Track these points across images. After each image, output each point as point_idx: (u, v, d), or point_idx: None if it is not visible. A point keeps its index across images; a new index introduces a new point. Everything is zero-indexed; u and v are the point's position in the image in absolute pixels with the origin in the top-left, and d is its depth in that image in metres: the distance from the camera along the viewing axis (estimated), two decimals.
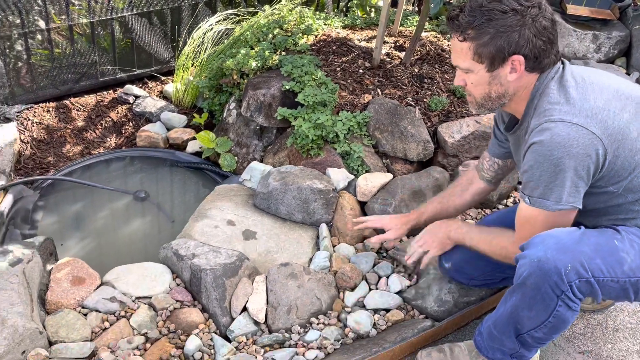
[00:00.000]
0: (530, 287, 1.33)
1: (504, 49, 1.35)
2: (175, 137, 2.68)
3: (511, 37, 1.34)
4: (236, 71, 2.59)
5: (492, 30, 1.34)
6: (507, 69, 1.39)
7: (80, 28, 2.75)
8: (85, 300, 1.75)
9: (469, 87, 1.47)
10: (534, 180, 1.36)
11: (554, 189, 1.34)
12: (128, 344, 1.64)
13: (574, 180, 1.32)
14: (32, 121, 2.64)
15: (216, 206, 2.18)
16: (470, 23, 1.36)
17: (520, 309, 1.38)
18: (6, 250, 1.74)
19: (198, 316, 1.75)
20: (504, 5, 1.34)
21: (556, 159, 1.30)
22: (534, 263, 1.31)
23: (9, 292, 1.60)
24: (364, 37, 2.89)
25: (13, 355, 1.49)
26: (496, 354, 1.51)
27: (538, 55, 1.37)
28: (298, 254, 2.04)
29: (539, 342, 1.44)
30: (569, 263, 1.29)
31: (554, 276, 1.29)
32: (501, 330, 1.46)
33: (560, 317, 1.35)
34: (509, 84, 1.41)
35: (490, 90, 1.43)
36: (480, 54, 1.38)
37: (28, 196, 2.26)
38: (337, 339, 1.73)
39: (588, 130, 1.30)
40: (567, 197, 1.34)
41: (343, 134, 2.28)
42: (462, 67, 1.44)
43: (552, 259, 1.29)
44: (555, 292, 1.31)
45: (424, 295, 1.85)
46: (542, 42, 1.35)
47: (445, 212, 1.82)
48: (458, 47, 1.41)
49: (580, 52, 3.58)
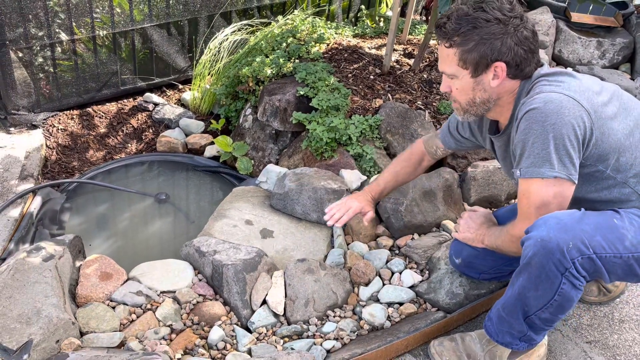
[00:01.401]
0: (535, 266, 1.39)
1: (487, 56, 1.44)
2: (194, 142, 2.79)
3: (494, 45, 1.43)
4: (252, 78, 2.70)
5: (477, 37, 1.43)
6: (490, 75, 1.47)
7: (101, 39, 2.88)
8: (113, 294, 1.84)
9: (454, 93, 1.54)
10: (527, 149, 1.40)
11: (547, 157, 1.37)
12: (155, 334, 1.72)
13: (567, 149, 1.37)
14: (57, 128, 2.75)
15: (234, 207, 2.27)
16: (456, 30, 1.44)
17: (527, 289, 1.44)
18: (39, 247, 1.84)
19: (220, 309, 1.84)
20: (489, 14, 1.43)
21: (549, 125, 1.36)
22: (537, 243, 1.37)
23: (43, 285, 1.69)
24: (373, 45, 3.00)
25: (48, 343, 1.58)
26: (505, 337, 1.57)
27: (519, 63, 1.45)
28: (314, 252, 2.13)
29: (546, 324, 1.50)
30: (570, 241, 1.35)
31: (557, 254, 1.35)
32: (509, 313, 1.52)
33: (565, 295, 1.40)
34: (492, 89, 1.49)
35: (474, 96, 1.51)
36: (465, 59, 1.46)
37: (55, 198, 2.37)
38: (353, 330, 1.81)
39: (578, 102, 1.37)
40: (560, 165, 1.37)
41: (356, 136, 2.37)
42: (448, 73, 1.51)
43: (554, 238, 1.35)
44: (559, 269, 1.37)
45: (435, 289, 1.92)
46: (523, 50, 1.44)
47: (398, 186, 2.05)
48: (445, 53, 1.49)
49: (585, 58, 3.67)
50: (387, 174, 2.00)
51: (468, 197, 2.39)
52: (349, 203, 1.97)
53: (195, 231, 2.29)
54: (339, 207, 1.97)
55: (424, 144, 1.96)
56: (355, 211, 1.95)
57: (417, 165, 1.97)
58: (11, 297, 1.63)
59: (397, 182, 2.00)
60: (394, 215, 2.19)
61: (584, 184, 1.48)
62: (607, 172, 1.45)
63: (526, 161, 1.41)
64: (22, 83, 2.68)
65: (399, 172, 1.98)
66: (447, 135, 1.87)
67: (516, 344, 1.57)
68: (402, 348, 1.72)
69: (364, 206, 1.97)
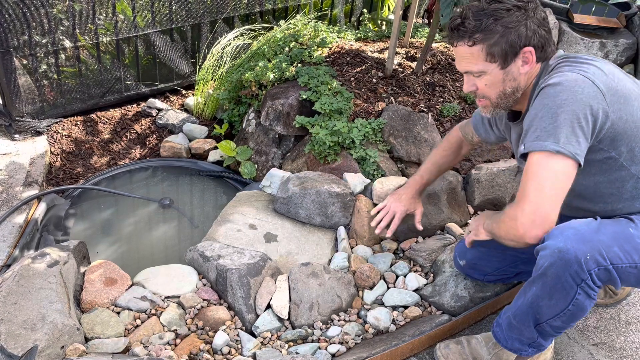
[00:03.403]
0: (551, 276, 1.36)
1: (516, 43, 1.42)
2: (197, 147, 2.79)
3: (520, 31, 1.41)
4: (255, 83, 2.71)
5: (501, 28, 1.41)
6: (518, 62, 1.45)
7: (105, 46, 2.89)
8: (117, 300, 1.84)
9: (482, 89, 1.50)
10: (534, 123, 1.36)
11: (553, 131, 1.32)
12: (159, 339, 1.72)
13: (574, 127, 1.32)
14: (62, 134, 2.76)
15: (238, 211, 2.27)
16: (478, 27, 1.42)
17: (541, 298, 1.42)
18: (44, 253, 1.84)
19: (224, 313, 1.83)
20: (506, 4, 1.42)
21: (561, 100, 1.32)
22: (554, 254, 1.34)
23: (47, 291, 1.70)
24: (376, 48, 3.00)
25: (53, 349, 1.58)
26: (515, 343, 1.55)
27: (544, 44, 1.45)
28: (318, 255, 2.12)
29: (556, 331, 1.48)
30: (589, 252, 1.32)
31: (575, 265, 1.33)
32: (521, 321, 1.50)
33: (580, 305, 1.38)
34: (521, 76, 1.47)
35: (505, 87, 1.48)
36: (492, 53, 1.43)
37: (60, 204, 2.38)
38: (357, 334, 1.80)
39: (593, 83, 1.34)
40: (566, 141, 1.31)
41: (359, 140, 2.37)
42: (475, 71, 1.48)
43: (572, 249, 1.32)
44: (575, 280, 1.34)
45: (440, 292, 1.91)
46: (544, 31, 1.44)
47: (442, 173, 2.03)
48: (467, 53, 1.46)
49: None
50: (429, 164, 1.98)
51: (472, 199, 2.38)
52: (393, 208, 1.95)
53: (199, 236, 2.30)
54: (383, 214, 1.94)
55: (460, 130, 1.95)
56: (402, 216, 1.94)
57: (457, 151, 1.96)
58: (16, 303, 1.63)
59: (440, 170, 1.99)
60: None
61: (596, 173, 1.45)
62: (621, 160, 1.41)
63: (531, 135, 1.36)
64: (27, 90, 2.70)
65: (440, 160, 1.97)
66: (479, 124, 1.86)
67: (525, 350, 1.56)
68: (408, 351, 1.71)
69: (410, 207, 1.95)
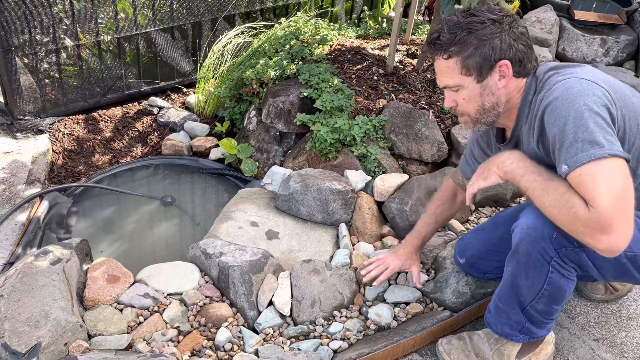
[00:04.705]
0: (522, 253, 1.40)
1: (490, 56, 1.40)
2: (199, 145, 2.80)
3: (494, 44, 1.39)
4: (256, 80, 2.71)
5: (475, 41, 1.39)
6: (495, 76, 1.42)
7: (106, 44, 2.90)
8: (120, 297, 1.85)
9: (461, 105, 1.48)
10: (565, 139, 1.26)
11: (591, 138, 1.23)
12: (162, 336, 1.73)
13: (602, 126, 1.25)
14: (63, 132, 2.77)
15: (240, 208, 2.28)
16: (452, 40, 1.40)
17: (518, 277, 1.45)
18: (47, 250, 1.85)
19: (227, 310, 1.84)
20: (481, 17, 1.40)
21: (579, 107, 1.26)
22: (523, 230, 1.38)
23: (50, 289, 1.70)
24: (377, 46, 3.00)
25: (56, 346, 1.59)
26: (504, 328, 1.57)
27: (522, 59, 1.42)
28: (319, 252, 2.13)
29: (544, 316, 1.50)
30: (555, 231, 1.33)
31: (541, 242, 1.35)
32: (505, 302, 1.53)
33: (555, 284, 1.40)
34: (500, 91, 1.44)
35: (483, 102, 1.45)
36: (467, 66, 1.41)
37: (62, 202, 2.39)
38: (359, 330, 1.81)
39: (595, 83, 1.31)
40: (608, 143, 1.23)
41: (360, 137, 2.37)
42: (451, 85, 1.45)
43: (539, 226, 1.34)
44: (544, 257, 1.37)
45: (442, 288, 1.92)
46: (522, 46, 1.41)
47: (440, 226, 1.93)
48: (444, 66, 1.44)
49: (589, 56, 3.66)
50: (425, 217, 1.90)
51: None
52: (388, 261, 1.86)
53: (201, 233, 2.30)
54: (377, 264, 1.87)
55: (451, 178, 1.88)
56: (393, 270, 1.85)
57: (452, 199, 1.88)
58: (19, 300, 1.64)
59: (438, 222, 1.89)
60: (399, 215, 2.19)
61: None
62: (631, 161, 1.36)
63: (569, 151, 1.25)
64: (28, 89, 2.71)
65: (436, 211, 1.89)
66: (465, 165, 1.80)
67: (515, 335, 1.58)
68: (409, 347, 1.72)
69: (404, 264, 1.85)
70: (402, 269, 1.87)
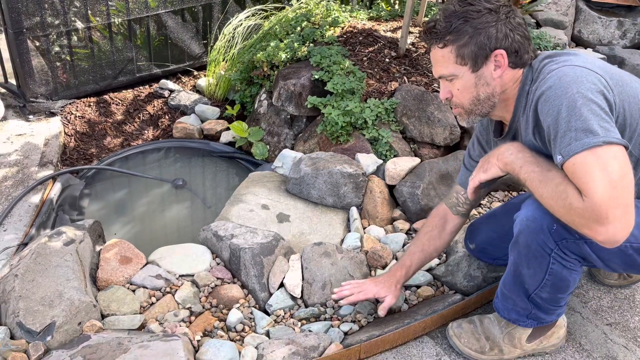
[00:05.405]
0: (522, 244, 1.39)
1: (485, 45, 1.37)
2: (209, 128, 2.80)
3: (489, 32, 1.36)
4: (266, 63, 2.69)
5: (470, 29, 1.37)
6: (490, 66, 1.39)
7: (117, 27, 2.89)
8: (132, 278, 1.86)
9: (456, 96, 1.45)
10: (560, 128, 1.23)
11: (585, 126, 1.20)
12: (174, 316, 1.75)
13: (600, 115, 1.22)
14: (75, 115, 2.78)
15: (250, 191, 2.28)
16: (448, 28, 1.38)
17: (520, 266, 1.44)
18: (60, 231, 1.86)
19: (238, 292, 1.85)
20: (477, 6, 1.38)
21: (572, 95, 1.23)
22: (523, 222, 1.36)
23: (64, 269, 1.72)
24: (389, 28, 2.96)
25: (70, 325, 1.61)
26: (511, 314, 1.57)
27: (518, 49, 1.39)
28: (330, 236, 2.13)
29: (550, 303, 1.49)
30: (555, 223, 1.31)
31: (541, 235, 1.34)
32: (510, 290, 1.52)
33: (557, 275, 1.39)
34: (495, 81, 1.41)
35: (478, 92, 1.42)
36: (462, 55, 1.39)
37: (74, 184, 2.40)
38: (370, 313, 1.81)
39: (591, 70, 1.28)
40: (604, 130, 1.19)
41: (371, 120, 2.35)
42: (446, 74, 1.43)
43: (539, 219, 1.33)
44: (545, 250, 1.35)
45: (453, 272, 1.91)
46: (519, 36, 1.39)
47: (429, 258, 1.76)
48: (439, 55, 1.42)
49: (606, 38, 3.59)
50: (412, 246, 1.77)
51: None
52: (365, 286, 1.74)
53: (211, 216, 2.31)
54: (353, 286, 1.75)
55: (444, 202, 1.77)
56: (367, 296, 1.72)
57: (442, 227, 1.74)
58: (34, 280, 1.66)
59: (425, 252, 1.74)
60: (411, 198, 2.18)
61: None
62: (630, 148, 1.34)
63: (563, 140, 1.22)
64: (40, 71, 2.71)
65: (423, 240, 1.75)
66: (463, 173, 1.72)
67: (523, 321, 1.57)
68: (420, 330, 1.72)
69: (380, 291, 1.71)
70: (378, 296, 1.72)
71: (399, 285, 1.73)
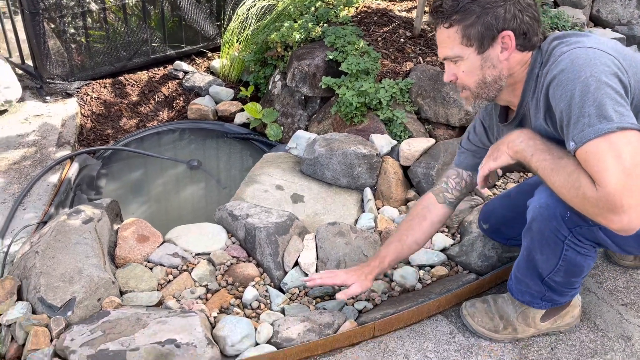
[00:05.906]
0: (535, 231, 1.37)
1: (492, 25, 1.32)
2: (224, 109, 2.81)
3: (497, 12, 1.32)
4: (280, 44, 2.68)
5: (478, 9, 1.32)
6: (497, 48, 1.35)
7: (131, 8, 2.89)
8: (150, 256, 1.89)
9: (461, 78, 1.40)
10: (573, 114, 1.20)
11: (599, 112, 1.17)
12: (191, 293, 1.77)
13: (612, 97, 1.18)
14: (91, 96, 2.80)
15: (265, 172, 2.29)
16: (455, 7, 1.33)
17: (533, 251, 1.43)
18: (78, 210, 1.89)
19: (253, 270, 1.87)
20: None
21: (585, 79, 1.19)
22: (536, 209, 1.35)
23: (83, 247, 1.75)
24: (404, 7, 2.93)
25: (90, 301, 1.64)
26: (525, 296, 1.57)
27: (526, 32, 1.34)
28: (344, 216, 2.14)
29: (564, 286, 1.48)
30: (569, 210, 1.29)
31: (554, 222, 1.32)
32: (524, 274, 1.52)
33: (571, 261, 1.37)
34: (502, 64, 1.36)
35: (484, 75, 1.37)
36: (468, 35, 1.34)
37: (92, 164, 2.43)
38: (384, 292, 1.83)
39: (604, 52, 1.23)
40: (618, 115, 1.16)
41: (386, 100, 2.34)
42: (451, 55, 1.38)
43: (552, 206, 1.31)
44: (558, 237, 1.34)
45: (467, 252, 1.92)
46: (528, 17, 1.33)
47: (407, 249, 1.69)
48: (445, 35, 1.37)
49: (625, 18, 3.52)
50: (392, 237, 1.71)
51: None
52: (337, 273, 1.71)
53: (226, 197, 2.33)
54: (326, 274, 1.72)
55: (431, 191, 1.71)
56: (334, 282, 1.68)
57: (423, 217, 1.67)
58: (54, 257, 1.69)
59: (402, 242, 1.67)
60: (425, 179, 2.18)
61: None
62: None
63: (576, 127, 1.18)
64: (56, 52, 2.73)
65: (401, 229, 1.69)
66: (460, 156, 1.68)
67: (537, 302, 1.57)
68: (434, 309, 1.73)
69: (348, 279, 1.66)
70: (345, 283, 1.67)
71: (371, 276, 1.66)
